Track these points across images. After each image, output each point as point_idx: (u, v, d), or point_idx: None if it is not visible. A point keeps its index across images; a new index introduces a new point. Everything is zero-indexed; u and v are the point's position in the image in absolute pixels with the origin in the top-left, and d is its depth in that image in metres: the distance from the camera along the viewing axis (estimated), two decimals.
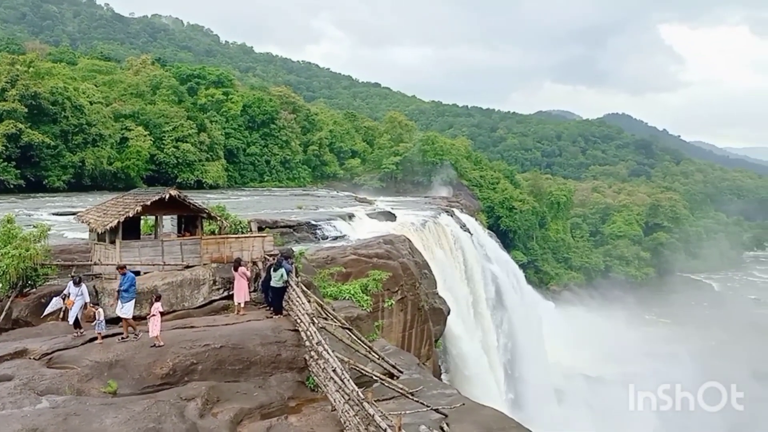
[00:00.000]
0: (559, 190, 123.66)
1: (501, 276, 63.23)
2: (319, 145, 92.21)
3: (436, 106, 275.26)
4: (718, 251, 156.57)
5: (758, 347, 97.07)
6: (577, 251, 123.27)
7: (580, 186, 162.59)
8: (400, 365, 18.28)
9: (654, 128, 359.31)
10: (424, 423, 12.06)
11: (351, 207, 53.07)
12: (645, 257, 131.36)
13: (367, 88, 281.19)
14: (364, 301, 25.12)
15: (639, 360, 79.19)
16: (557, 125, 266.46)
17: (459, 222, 60.93)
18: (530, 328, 66.09)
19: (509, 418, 15.68)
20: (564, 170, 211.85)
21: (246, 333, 16.87)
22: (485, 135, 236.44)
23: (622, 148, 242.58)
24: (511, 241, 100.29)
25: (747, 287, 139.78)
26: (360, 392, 12.45)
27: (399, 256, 35.27)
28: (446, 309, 41.37)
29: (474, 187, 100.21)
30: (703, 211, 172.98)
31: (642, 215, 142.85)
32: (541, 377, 65.58)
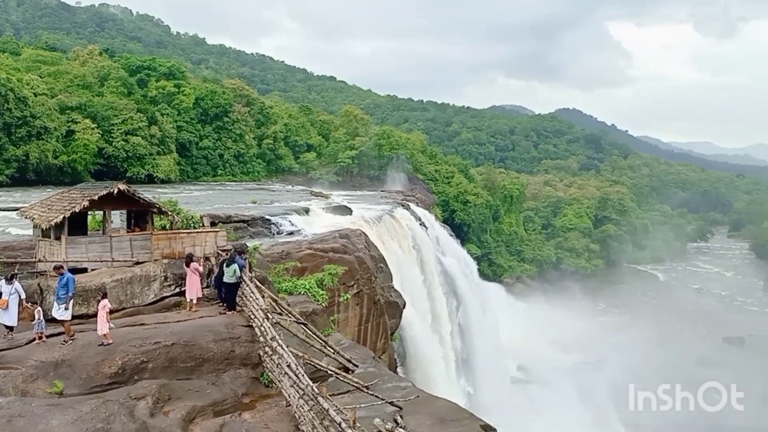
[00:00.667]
0: (512, 184, 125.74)
1: (456, 269, 63.99)
2: (274, 138, 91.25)
3: (391, 100, 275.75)
4: (663, 243, 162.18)
5: (702, 335, 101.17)
6: (529, 244, 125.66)
7: (533, 180, 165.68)
8: (356, 359, 18.30)
9: (603, 123, 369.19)
10: (379, 416, 12.11)
11: (306, 201, 52.76)
12: (594, 249, 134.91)
13: (323, 81, 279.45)
14: (320, 296, 25.03)
15: (590, 349, 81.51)
16: (510, 120, 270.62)
17: (415, 216, 61.31)
18: (485, 320, 67.16)
19: (462, 408, 15.92)
20: (517, 164, 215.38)
21: (198, 329, 16.61)
22: (440, 129, 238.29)
23: (573, 142, 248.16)
24: (466, 234, 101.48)
25: (690, 277, 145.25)
26: (315, 387, 12.43)
27: (355, 250, 35.25)
28: (402, 302, 41.59)
29: (429, 181, 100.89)
30: (649, 204, 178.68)
31: (592, 208, 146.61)
32: (495, 367, 66.76)
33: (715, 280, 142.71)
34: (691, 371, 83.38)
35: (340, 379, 15.49)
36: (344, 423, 10.68)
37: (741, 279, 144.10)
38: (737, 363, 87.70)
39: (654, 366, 79.14)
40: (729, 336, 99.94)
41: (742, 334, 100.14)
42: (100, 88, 73.27)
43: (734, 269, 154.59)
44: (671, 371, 79.47)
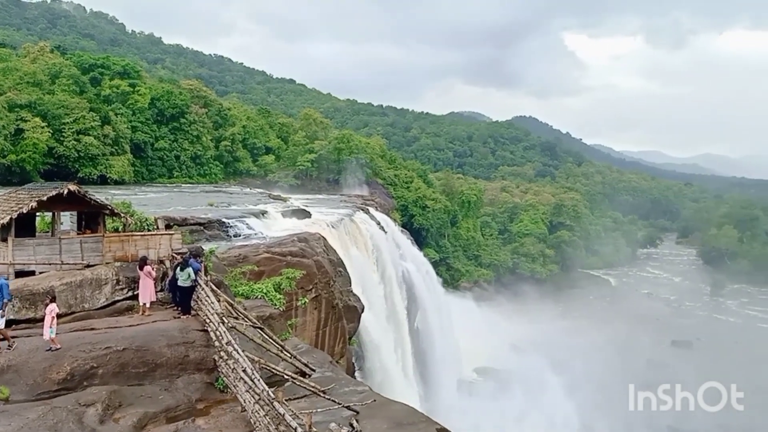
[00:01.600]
0: (470, 189, 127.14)
1: (414, 273, 64.27)
2: (232, 140, 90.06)
3: (351, 105, 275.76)
4: (615, 248, 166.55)
5: (652, 339, 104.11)
6: (486, 249, 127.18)
7: (490, 186, 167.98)
8: (313, 363, 18.19)
9: (558, 131, 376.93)
10: (335, 420, 12.06)
11: (265, 204, 52.18)
12: (549, 254, 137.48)
13: (282, 84, 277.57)
14: (277, 300, 24.82)
15: (545, 352, 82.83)
16: (468, 126, 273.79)
17: (374, 220, 61.32)
18: (442, 323, 67.60)
19: (419, 412, 15.96)
20: (475, 170, 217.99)
21: (151, 334, 16.26)
22: (399, 134, 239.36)
23: (529, 149, 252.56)
24: (424, 238, 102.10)
25: (641, 282, 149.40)
26: (270, 392, 12.30)
27: (313, 254, 35.06)
28: (360, 306, 41.54)
29: (389, 186, 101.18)
30: (602, 211, 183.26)
31: (547, 214, 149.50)
32: (452, 371, 67.31)
33: (664, 285, 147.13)
34: (641, 374, 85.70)
35: (297, 383, 15.36)
36: (300, 428, 10.60)
37: (689, 284, 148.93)
38: (685, 366, 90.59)
39: (606, 368, 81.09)
40: (677, 339, 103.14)
41: (689, 338, 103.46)
42: (51, 86, 71.09)
43: (682, 275, 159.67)
44: (623, 374, 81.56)
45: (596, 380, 76.98)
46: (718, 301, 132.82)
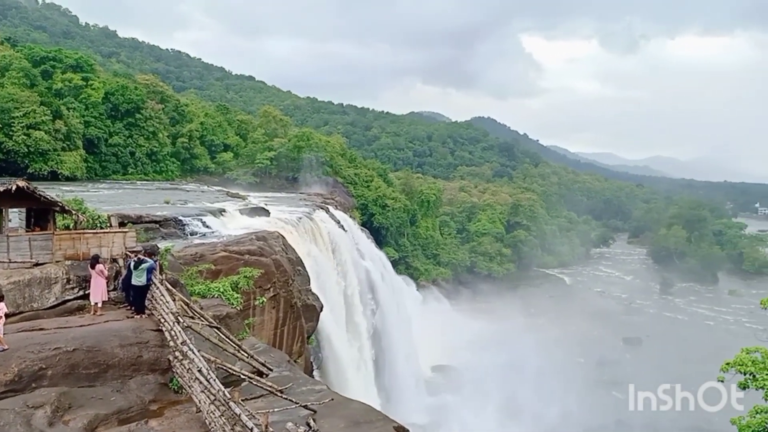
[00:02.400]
0: (429, 189, 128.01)
1: (373, 272, 64.46)
2: (189, 137, 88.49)
3: (311, 103, 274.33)
4: (569, 248, 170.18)
5: (604, 336, 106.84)
6: (445, 248, 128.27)
7: (449, 185, 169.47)
8: (270, 363, 18.09)
9: (516, 132, 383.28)
10: (292, 420, 12.04)
11: (222, 202, 51.58)
12: (506, 254, 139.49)
13: (241, 80, 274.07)
14: (234, 299, 24.56)
15: (502, 350, 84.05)
16: (428, 126, 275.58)
17: (334, 219, 61.25)
18: (400, 322, 67.95)
19: (376, 410, 16.06)
20: (434, 170, 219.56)
21: (103, 334, 15.89)
22: (360, 133, 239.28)
23: (487, 150, 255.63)
24: (384, 237, 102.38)
25: (594, 281, 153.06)
26: (226, 392, 12.19)
27: (272, 252, 34.84)
28: (319, 305, 41.48)
29: (349, 185, 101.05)
30: (557, 211, 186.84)
31: (504, 214, 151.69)
32: (410, 369, 67.71)
33: (616, 284, 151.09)
34: (594, 370, 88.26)
35: (254, 383, 15.24)
36: (256, 428, 10.54)
37: (639, 282, 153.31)
38: (635, 362, 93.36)
39: (561, 365, 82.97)
40: (628, 336, 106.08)
41: (640, 335, 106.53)
42: (0, 79, 68.57)
43: (633, 273, 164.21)
44: (576, 370, 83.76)
45: (551, 377, 78.63)
46: (667, 299, 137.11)
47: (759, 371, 15.08)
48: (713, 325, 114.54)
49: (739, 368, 15.41)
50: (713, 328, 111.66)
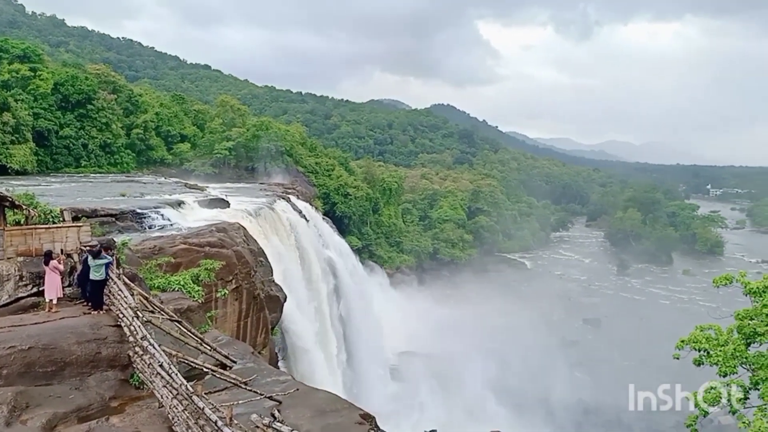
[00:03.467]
0: (390, 177, 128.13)
1: (337, 261, 64.35)
2: (144, 128, 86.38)
3: (269, 91, 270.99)
4: (530, 232, 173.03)
5: (565, 317, 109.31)
6: (408, 235, 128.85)
7: (410, 173, 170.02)
8: (234, 355, 17.91)
9: (475, 119, 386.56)
10: (257, 411, 11.93)
11: (181, 194, 50.61)
12: (468, 239, 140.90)
13: (197, 69, 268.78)
14: (195, 292, 24.28)
15: (466, 334, 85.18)
16: (388, 114, 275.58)
17: (295, 208, 60.80)
18: (365, 310, 68.11)
19: (342, 399, 16.08)
20: (395, 158, 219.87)
21: (59, 331, 15.47)
22: (320, 122, 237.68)
23: (448, 137, 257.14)
24: (347, 226, 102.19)
25: (554, 264, 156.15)
26: (189, 386, 12.00)
27: (233, 244, 34.44)
28: (283, 296, 41.23)
29: (310, 174, 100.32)
30: (517, 196, 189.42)
31: (465, 200, 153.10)
32: (375, 356, 68.04)
33: (576, 266, 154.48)
34: (555, 351, 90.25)
35: (217, 376, 15.07)
36: (220, 421, 10.42)
37: (597, 265, 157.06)
38: (595, 342, 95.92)
39: (523, 348, 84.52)
40: (588, 317, 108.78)
41: (599, 316, 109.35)
42: None
43: (591, 256, 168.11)
44: (538, 352, 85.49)
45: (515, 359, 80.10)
46: (624, 280, 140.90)
47: (713, 348, 15.57)
48: (668, 304, 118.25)
49: (693, 345, 15.89)
50: (668, 307, 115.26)
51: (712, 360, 15.45)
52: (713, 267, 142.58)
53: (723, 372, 15.32)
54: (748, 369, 15.29)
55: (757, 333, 15.09)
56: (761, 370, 14.51)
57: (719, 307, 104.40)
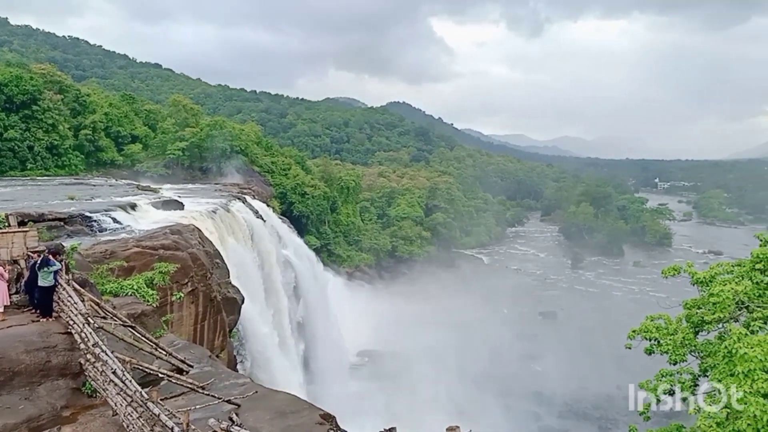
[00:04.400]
0: (348, 175, 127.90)
1: (295, 261, 63.91)
2: (93, 129, 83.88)
3: (223, 90, 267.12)
4: (486, 228, 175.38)
5: (522, 311, 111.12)
6: (366, 233, 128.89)
7: (368, 171, 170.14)
8: (191, 359, 17.60)
9: (431, 116, 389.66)
10: (215, 416, 11.75)
11: (133, 196, 49.44)
12: (426, 236, 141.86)
13: (147, 68, 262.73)
14: (150, 296, 23.79)
15: (425, 331, 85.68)
16: (344, 112, 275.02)
17: (252, 209, 60.09)
18: (324, 310, 67.88)
19: (302, 400, 15.98)
20: (352, 156, 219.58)
21: (7, 340, 14.93)
22: (275, 121, 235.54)
23: (404, 135, 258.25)
24: (305, 226, 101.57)
25: (510, 259, 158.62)
26: (144, 392, 11.74)
27: (188, 246, 33.86)
28: (240, 298, 40.75)
29: (266, 173, 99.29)
30: (473, 193, 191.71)
31: (423, 198, 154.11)
32: (336, 356, 67.89)
33: (531, 261, 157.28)
34: (513, 345, 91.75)
35: (173, 381, 14.79)
36: (177, 427, 10.23)
37: (552, 259, 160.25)
38: (551, 335, 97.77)
39: (482, 342, 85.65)
40: (544, 311, 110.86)
41: (555, 309, 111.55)
42: None
43: (546, 250, 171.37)
44: (497, 346, 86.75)
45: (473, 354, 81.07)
46: (578, 273, 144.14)
47: (663, 337, 16.06)
48: (620, 295, 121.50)
49: (644, 335, 16.36)
50: (621, 298, 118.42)
51: (663, 349, 15.93)
52: (662, 258, 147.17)
53: (673, 360, 15.82)
54: (697, 357, 15.82)
55: (704, 321, 15.61)
56: (709, 358, 15.02)
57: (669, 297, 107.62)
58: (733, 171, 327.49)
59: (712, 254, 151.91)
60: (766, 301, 14.81)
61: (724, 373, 12.76)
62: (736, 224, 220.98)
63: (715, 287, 15.00)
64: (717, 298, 14.62)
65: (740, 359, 12.02)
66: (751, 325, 14.22)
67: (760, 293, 15.20)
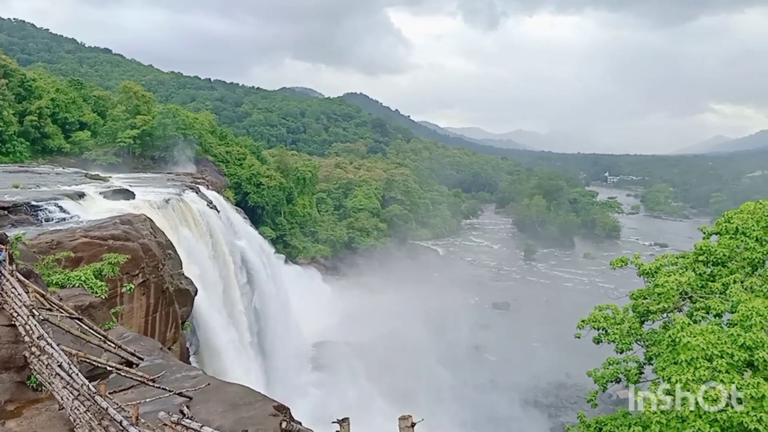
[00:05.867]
0: (304, 166, 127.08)
1: (250, 252, 63.21)
2: (39, 115, 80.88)
3: (176, 78, 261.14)
4: (441, 220, 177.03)
5: (476, 302, 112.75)
6: (322, 225, 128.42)
7: (324, 162, 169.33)
8: (141, 352, 17.26)
9: (388, 108, 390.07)
10: (165, 409, 11.55)
11: (81, 185, 48.01)
12: (383, 228, 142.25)
13: (96, 53, 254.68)
14: (98, 288, 23.19)
15: (382, 322, 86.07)
16: (301, 102, 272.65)
17: (205, 199, 59.09)
18: (280, 300, 67.42)
19: (255, 392, 15.86)
20: (309, 147, 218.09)
21: None
22: (230, 110, 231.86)
23: (361, 126, 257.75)
24: (260, 217, 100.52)
25: (465, 251, 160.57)
26: (91, 386, 11.44)
27: (139, 236, 33.08)
28: (193, 289, 40.11)
29: (220, 163, 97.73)
30: (429, 185, 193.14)
31: (379, 189, 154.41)
32: (291, 347, 67.59)
33: (486, 252, 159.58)
34: (467, 335, 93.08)
35: (122, 374, 14.47)
36: (125, 420, 10.01)
37: (506, 250, 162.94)
38: (504, 325, 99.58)
39: (436, 333, 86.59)
40: (497, 302, 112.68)
41: (507, 300, 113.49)
42: None
43: (500, 242, 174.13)
44: (451, 337, 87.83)
45: (428, 344, 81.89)
46: (530, 265, 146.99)
47: (610, 326, 16.57)
48: (571, 286, 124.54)
49: (593, 324, 16.85)
50: (571, 289, 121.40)
51: (610, 338, 16.44)
52: (611, 250, 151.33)
53: (620, 348, 16.34)
54: (643, 345, 16.38)
55: (650, 311, 16.17)
56: (654, 346, 15.55)
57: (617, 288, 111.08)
58: (679, 166, 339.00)
59: (658, 246, 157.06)
60: (709, 291, 15.42)
61: (668, 362, 13.24)
62: (681, 217, 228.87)
63: (660, 278, 15.54)
64: (662, 288, 15.15)
65: (683, 348, 12.50)
66: (694, 314, 14.80)
67: (702, 284, 15.82)
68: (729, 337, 12.32)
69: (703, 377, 11.89)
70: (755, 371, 12.18)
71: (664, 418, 12.40)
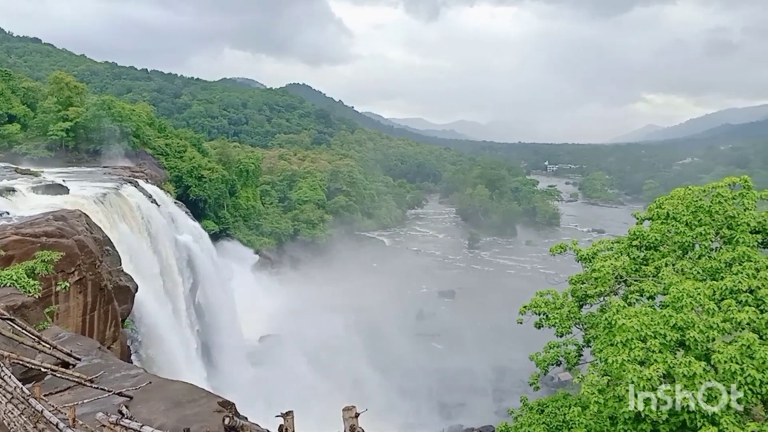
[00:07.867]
0: (247, 158, 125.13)
1: (192, 246, 61.89)
2: None
3: (110, 68, 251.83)
4: (387, 211, 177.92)
5: (422, 291, 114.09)
6: (267, 217, 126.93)
7: (268, 154, 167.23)
8: (78, 352, 16.70)
9: (331, 99, 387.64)
10: (104, 409, 11.22)
11: (10, 180, 45.98)
12: (328, 219, 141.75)
13: (25, 43, 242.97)
14: (31, 287, 22.34)
15: (329, 314, 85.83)
16: (243, 93, 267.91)
17: (144, 193, 57.39)
18: (223, 295, 66.43)
19: (199, 388, 15.60)
20: (251, 138, 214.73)
21: None
22: (168, 101, 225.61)
23: (305, 117, 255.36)
24: (202, 210, 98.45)
25: (411, 240, 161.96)
26: (25, 388, 11.00)
27: (74, 233, 31.91)
28: (134, 286, 39.02)
29: (159, 156, 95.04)
30: (375, 176, 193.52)
31: (324, 181, 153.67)
32: (235, 342, 66.76)
33: (431, 242, 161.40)
34: (415, 324, 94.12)
35: (58, 376, 13.97)
36: (62, 423, 9.68)
37: (451, 239, 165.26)
38: (450, 313, 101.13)
39: (383, 322, 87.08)
40: (443, 290, 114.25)
41: (453, 288, 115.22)
42: None
43: (445, 231, 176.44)
44: (397, 326, 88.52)
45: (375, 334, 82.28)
46: (475, 253, 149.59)
47: (551, 311, 17.07)
48: (514, 273, 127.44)
49: (534, 309, 17.33)
50: (514, 275, 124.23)
51: (551, 322, 16.95)
52: (552, 237, 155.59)
53: (560, 332, 16.88)
54: (582, 329, 16.96)
55: (588, 295, 16.75)
56: (592, 329, 16.13)
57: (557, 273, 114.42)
58: (614, 154, 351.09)
59: (596, 232, 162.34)
60: (642, 275, 16.07)
61: (605, 343, 13.75)
62: (617, 204, 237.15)
63: (596, 263, 16.10)
64: (598, 273, 15.71)
65: (619, 330, 12.99)
66: (629, 297, 15.42)
67: (636, 268, 16.49)
68: (662, 319, 12.88)
69: (638, 357, 12.39)
70: (687, 350, 12.77)
71: (602, 398, 12.87)
